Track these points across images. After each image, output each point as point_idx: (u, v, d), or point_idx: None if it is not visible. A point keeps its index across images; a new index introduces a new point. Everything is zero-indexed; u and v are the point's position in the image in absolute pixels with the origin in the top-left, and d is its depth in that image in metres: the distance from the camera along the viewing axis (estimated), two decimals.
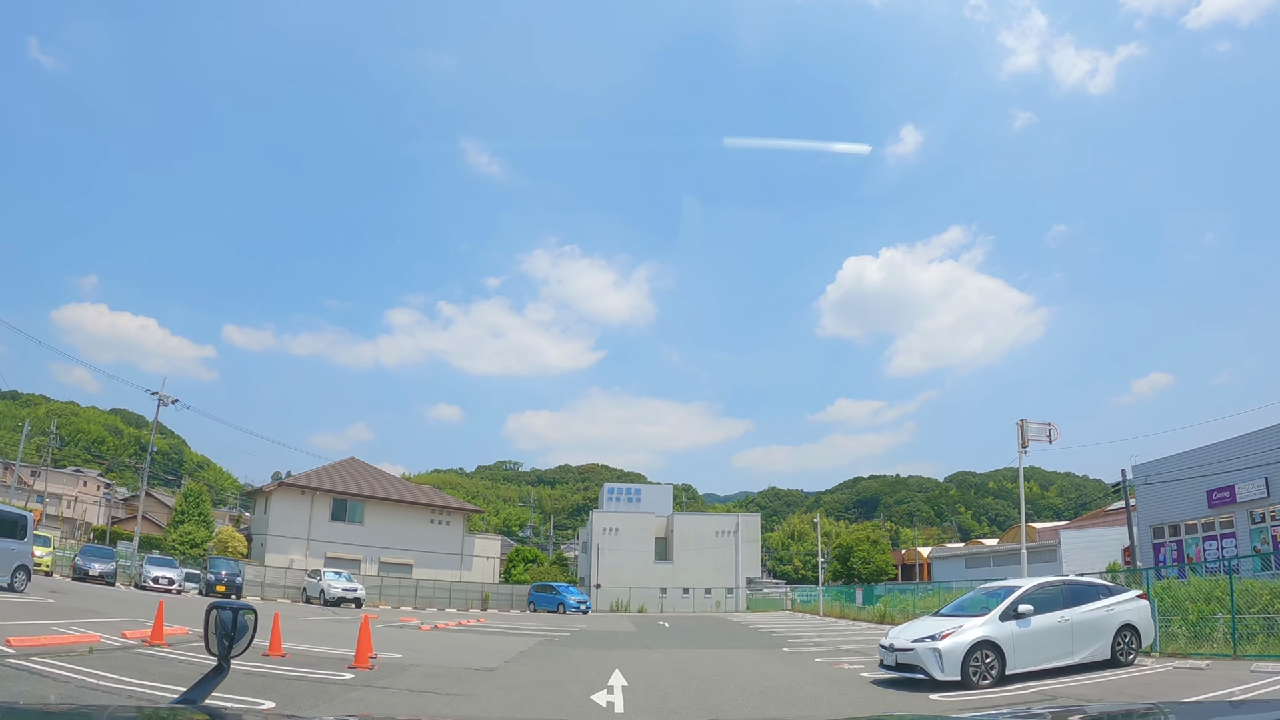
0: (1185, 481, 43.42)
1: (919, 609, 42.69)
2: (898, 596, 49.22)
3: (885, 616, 44.31)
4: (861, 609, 50.65)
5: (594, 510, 78.13)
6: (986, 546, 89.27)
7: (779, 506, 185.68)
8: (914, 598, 46.98)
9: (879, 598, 50.67)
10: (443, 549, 68.63)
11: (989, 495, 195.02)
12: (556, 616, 53.66)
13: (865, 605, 50.78)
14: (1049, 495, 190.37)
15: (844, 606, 55.23)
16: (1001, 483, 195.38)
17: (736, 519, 79.11)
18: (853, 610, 52.55)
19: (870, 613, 48.06)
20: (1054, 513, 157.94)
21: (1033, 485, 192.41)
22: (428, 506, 69.37)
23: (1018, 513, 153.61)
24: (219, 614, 3.37)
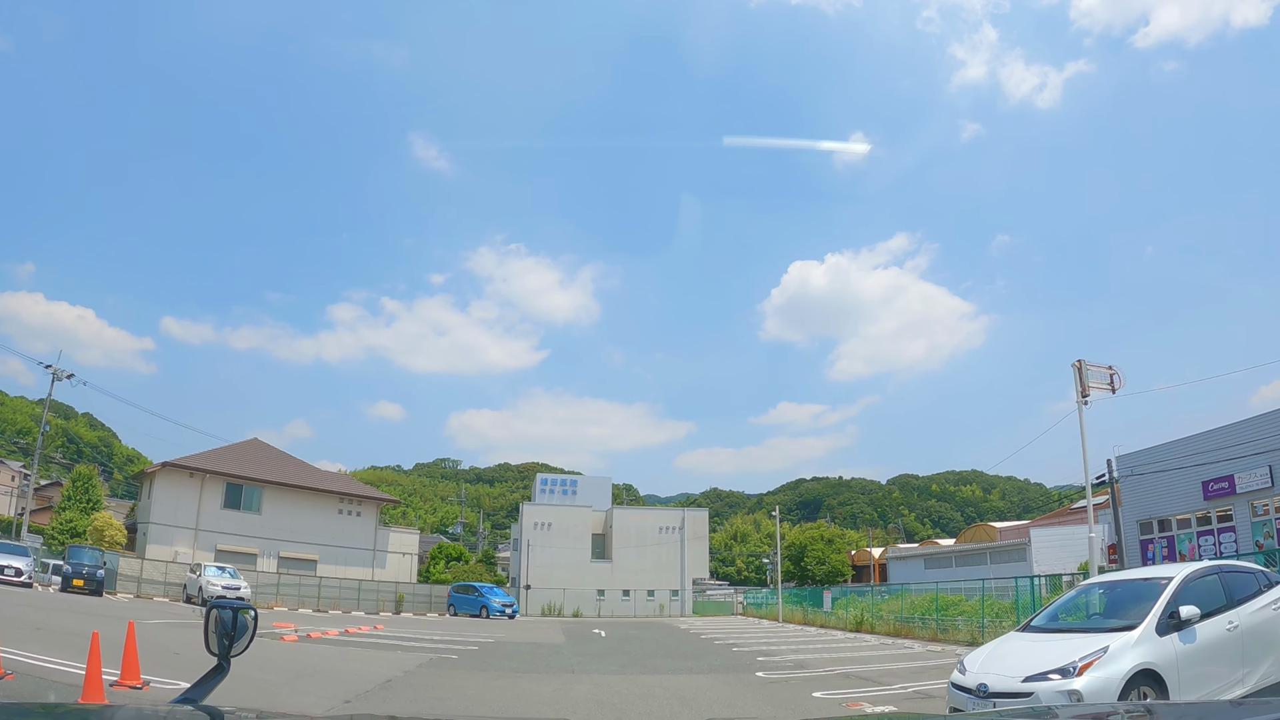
0: (1178, 472, 40.19)
1: (906, 613, 36.36)
2: (866, 600, 42.64)
3: (863, 623, 37.23)
4: (830, 614, 43.40)
5: (525, 503, 69.66)
6: (944, 547, 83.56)
7: (721, 508, 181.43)
8: (882, 600, 41.24)
9: (843, 601, 43.49)
10: (352, 543, 60.32)
11: (932, 498, 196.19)
12: (476, 622, 46.14)
13: (835, 609, 43.48)
14: (992, 498, 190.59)
15: (807, 611, 48.04)
16: (944, 485, 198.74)
17: (682, 514, 71.86)
18: (818, 615, 45.47)
19: (842, 619, 40.92)
20: (997, 515, 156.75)
21: (975, 489, 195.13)
22: (336, 495, 60.89)
23: (961, 515, 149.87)
24: (219, 613, 3.31)
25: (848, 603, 41.99)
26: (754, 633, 39.07)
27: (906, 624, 34.53)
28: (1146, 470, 43.34)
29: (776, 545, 61.09)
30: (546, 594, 62.50)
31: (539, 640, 31.85)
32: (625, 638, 34.58)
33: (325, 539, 59.02)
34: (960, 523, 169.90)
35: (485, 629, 39.10)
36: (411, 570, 64.23)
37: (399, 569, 62.48)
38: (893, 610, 38.50)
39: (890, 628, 35.38)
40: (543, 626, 44.45)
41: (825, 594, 45.28)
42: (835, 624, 41.90)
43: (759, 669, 20.29)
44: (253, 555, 56.23)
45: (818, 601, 50.20)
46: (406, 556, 63.65)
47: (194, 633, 22.39)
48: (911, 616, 35.65)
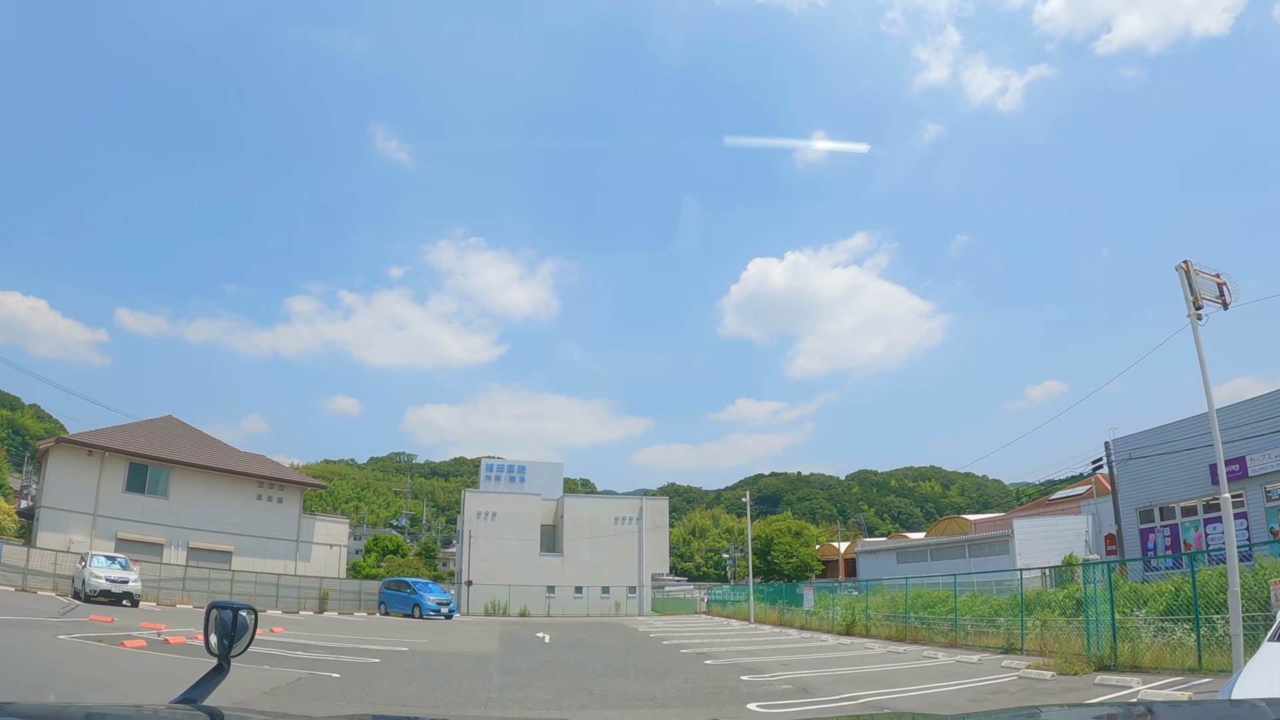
0: (1181, 455, 37.46)
1: (896, 610, 30.46)
2: (839, 596, 37.56)
3: (854, 625, 31.37)
4: (812, 613, 37.49)
5: (468, 490, 62.80)
6: (916, 540, 78.73)
7: (679, 503, 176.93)
8: (855, 596, 36.76)
9: (824, 599, 37.64)
10: (273, 533, 53.50)
11: (891, 494, 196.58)
12: (405, 624, 40.26)
13: (817, 609, 37.58)
14: (950, 494, 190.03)
15: (783, 610, 42.14)
16: (903, 481, 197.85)
17: (640, 503, 65.22)
18: (797, 615, 39.65)
19: (826, 619, 35.03)
20: (956, 510, 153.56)
21: (934, 484, 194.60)
22: (254, 478, 53.88)
23: (920, 511, 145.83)
24: (219, 613, 3.21)
25: (832, 601, 36.17)
26: (725, 636, 33.20)
27: (911, 626, 28.60)
28: (1146, 454, 40.45)
29: (747, 537, 54.75)
30: (490, 591, 56.17)
31: (466, 648, 25.77)
32: (572, 644, 28.63)
33: (242, 528, 52.24)
34: (920, 518, 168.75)
35: (410, 632, 33.25)
36: (340, 564, 57.60)
37: (326, 562, 55.84)
38: (876, 607, 33.05)
39: (891, 630, 29.67)
40: (480, 628, 38.24)
41: (805, 590, 39.41)
42: (818, 625, 36.32)
43: (750, 697, 14.50)
44: (158, 545, 49.30)
45: (792, 598, 44.68)
46: (335, 548, 57.01)
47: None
48: (905, 615, 29.82)
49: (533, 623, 46.29)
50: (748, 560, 52.43)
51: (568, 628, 40.46)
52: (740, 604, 51.61)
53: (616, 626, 41.98)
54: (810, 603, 38.02)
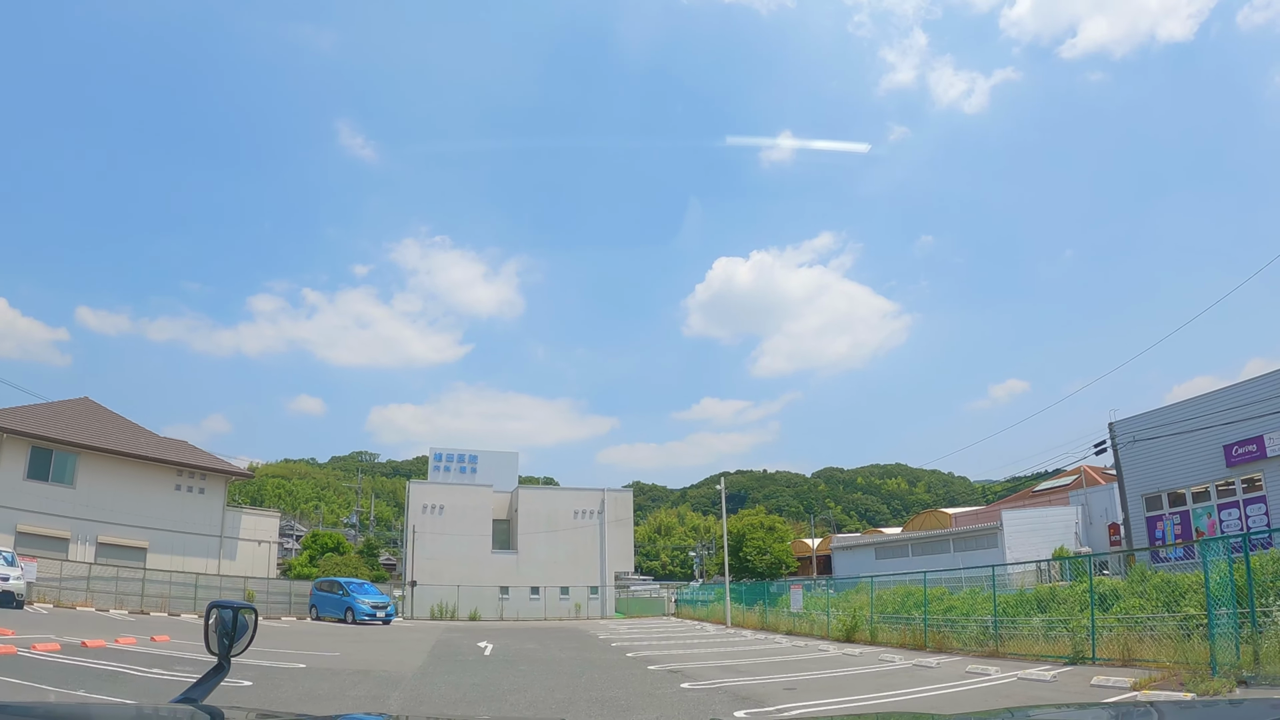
0: (1192, 436, 35.26)
1: (902, 610, 25.72)
2: (818, 594, 33.34)
3: (857, 629, 26.28)
4: (802, 616, 32.30)
5: (412, 481, 56.84)
6: (896, 535, 74.94)
7: (644, 501, 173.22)
8: (834, 595, 32.38)
9: (814, 599, 32.50)
10: (194, 527, 47.61)
11: (858, 491, 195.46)
12: (332, 630, 35.12)
13: (808, 610, 32.34)
14: (917, 491, 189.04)
15: (765, 613, 36.94)
16: (870, 479, 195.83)
17: (602, 494, 59.47)
18: (780, 618, 34.43)
19: (818, 624, 29.82)
20: (924, 508, 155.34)
21: (900, 481, 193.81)
22: (173, 466, 47.82)
23: (888, 508, 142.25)
24: (220, 613, 3.23)
25: (827, 601, 30.99)
26: (702, 646, 27.98)
27: (934, 630, 23.34)
28: (1153, 434, 37.68)
29: (723, 531, 48.89)
30: (437, 592, 50.59)
31: (381, 664, 20.46)
32: (517, 657, 23.31)
33: (159, 521, 46.28)
34: (887, 515, 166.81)
35: (329, 641, 28.01)
36: (269, 563, 51.73)
37: (254, 561, 49.97)
38: (860, 606, 28.08)
39: (904, 636, 24.47)
40: (415, 636, 32.75)
41: (793, 590, 33.91)
42: (808, 629, 31.28)
43: None
44: (64, 540, 43.44)
45: (770, 598, 39.67)
46: (264, 545, 51.07)
47: None
48: (923, 618, 24.57)
49: (481, 628, 40.86)
50: (724, 556, 46.92)
51: (518, 635, 35.04)
52: (714, 605, 46.44)
53: (575, 632, 36.60)
54: (799, 604, 32.70)
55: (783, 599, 38.79)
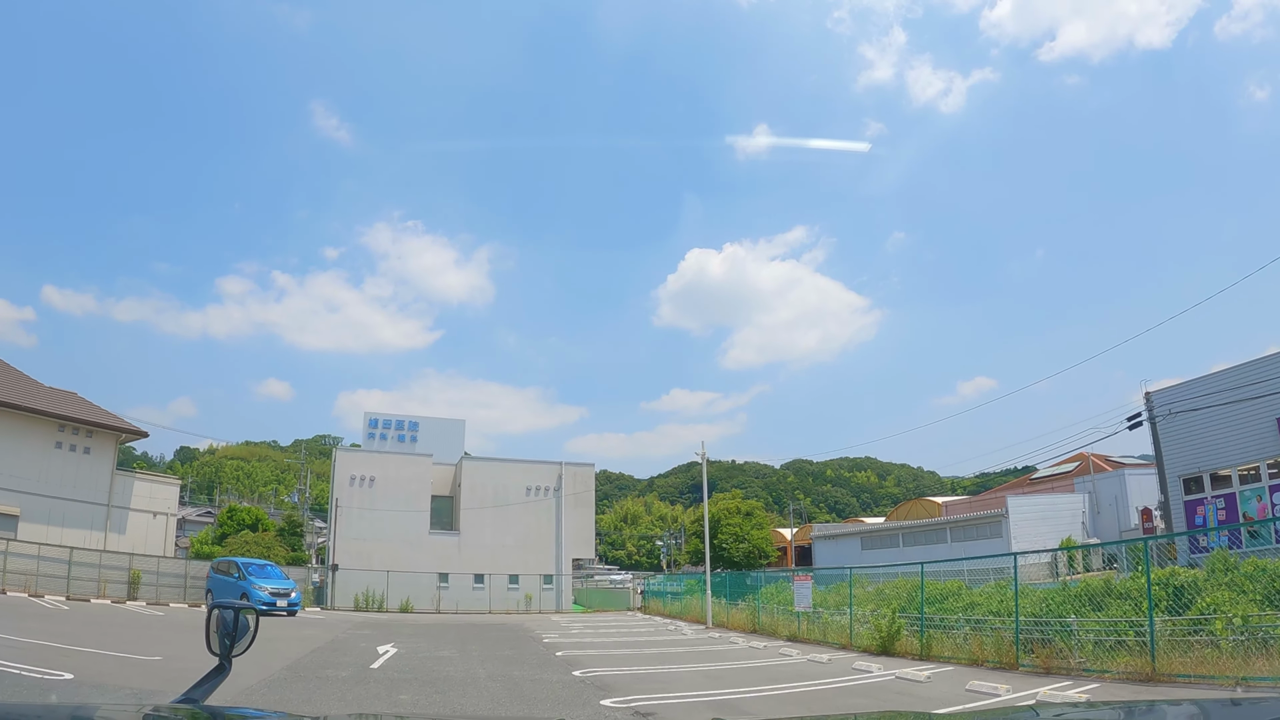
0: (1239, 407, 31.19)
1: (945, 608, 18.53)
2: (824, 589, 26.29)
3: (896, 639, 18.83)
4: (811, 617, 24.54)
5: (339, 449, 48.08)
6: (882, 524, 69.42)
7: (610, 490, 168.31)
8: (827, 589, 26.51)
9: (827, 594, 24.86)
10: (76, 493, 39.42)
11: (827, 483, 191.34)
12: (199, 622, 25.76)
13: (820, 612, 24.65)
14: (887, 485, 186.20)
15: (757, 612, 29.17)
16: (839, 471, 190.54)
17: (559, 468, 51.32)
18: (780, 619, 26.87)
19: (838, 629, 22.23)
20: (893, 501, 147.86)
21: (870, 475, 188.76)
22: (52, 419, 39.37)
23: (857, 501, 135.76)
24: (221, 614, 3.21)
25: (849, 598, 23.28)
26: (681, 659, 20.45)
27: (1037, 641, 15.95)
28: (1197, 406, 33.10)
29: (704, 509, 40.15)
30: (363, 578, 42.63)
31: (192, 680, 12.14)
32: (412, 677, 16.00)
33: (33, 484, 38.05)
34: (856, 507, 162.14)
35: (175, 635, 21.44)
36: (167, 538, 43.34)
37: (149, 535, 41.78)
38: (888, 604, 20.99)
39: (980, 650, 16.79)
40: (306, 633, 24.99)
41: (798, 583, 25.55)
42: (819, 635, 23.75)
43: None
44: None
45: (744, 590, 32.26)
46: (160, 518, 42.75)
47: None
48: (950, 619, 17.02)
49: (404, 623, 33.11)
50: (704, 541, 38.92)
51: (443, 634, 27.28)
52: (689, 599, 38.78)
53: (516, 632, 28.81)
54: (807, 600, 24.69)
55: (767, 593, 31.47)
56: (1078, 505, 52.00)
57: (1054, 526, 47.89)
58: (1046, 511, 50.44)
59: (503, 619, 38.29)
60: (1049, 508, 51.23)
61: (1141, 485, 50.31)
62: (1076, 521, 50.46)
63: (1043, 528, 47.29)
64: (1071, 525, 49.60)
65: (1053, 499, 53.37)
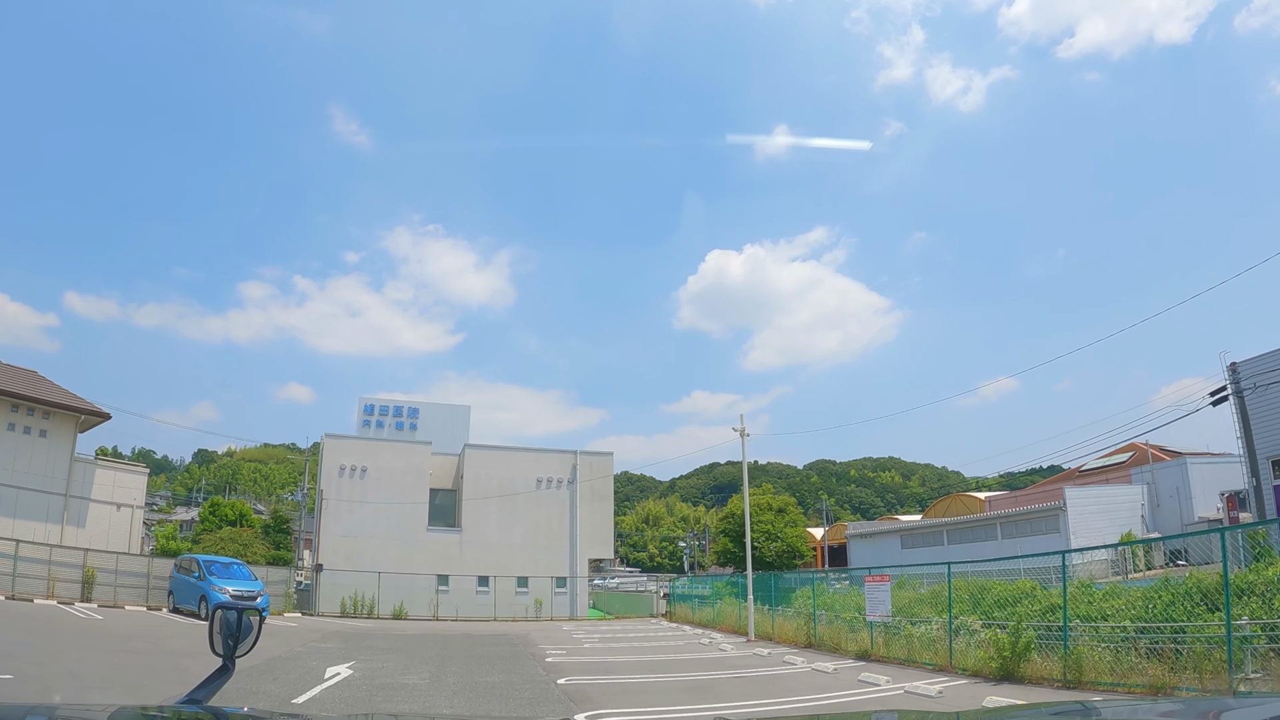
0: None
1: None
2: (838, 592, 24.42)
3: (1018, 660, 13.13)
4: (894, 630, 19.02)
5: (328, 435, 42.72)
6: (919, 521, 63.74)
7: (631, 491, 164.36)
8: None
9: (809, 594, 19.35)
10: (29, 481, 34.33)
11: (851, 483, 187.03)
12: (150, 625, 23.16)
13: (900, 621, 19.10)
14: (911, 484, 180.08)
15: (811, 624, 23.63)
16: (863, 471, 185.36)
17: (574, 457, 45.08)
18: (843, 633, 21.31)
19: (932, 645, 16.67)
20: (917, 501, 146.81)
21: (894, 474, 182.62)
22: (5, 397, 34.06)
23: (882, 501, 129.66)
24: (224, 615, 3.17)
25: (947, 602, 17.71)
26: (739, 695, 15.28)
27: None
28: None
29: (744, 496, 33.38)
30: (352, 580, 37.35)
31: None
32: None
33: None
34: (881, 507, 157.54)
35: (77, 645, 16.45)
36: (132, 533, 38.08)
37: (112, 529, 36.67)
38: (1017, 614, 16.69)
39: (1160, 675, 11.24)
40: (265, 646, 19.21)
41: (873, 583, 19.33)
42: (902, 654, 18.31)
43: None
44: None
45: (778, 594, 26.88)
46: (124, 510, 37.53)
47: None
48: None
49: (387, 634, 27.78)
50: (745, 533, 32.87)
51: (424, 650, 21.87)
52: (723, 605, 33.30)
53: (512, 650, 23.19)
54: (885, 607, 18.73)
55: (803, 596, 26.13)
56: (1136, 497, 47.46)
57: (1112, 520, 43.64)
58: (1107, 504, 45.84)
59: (507, 628, 32.92)
60: (1108, 500, 46.53)
61: (1205, 475, 46.49)
62: (1135, 515, 46.18)
63: (1101, 522, 42.95)
64: (1131, 519, 45.32)
65: (1111, 491, 48.69)
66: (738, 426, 29.31)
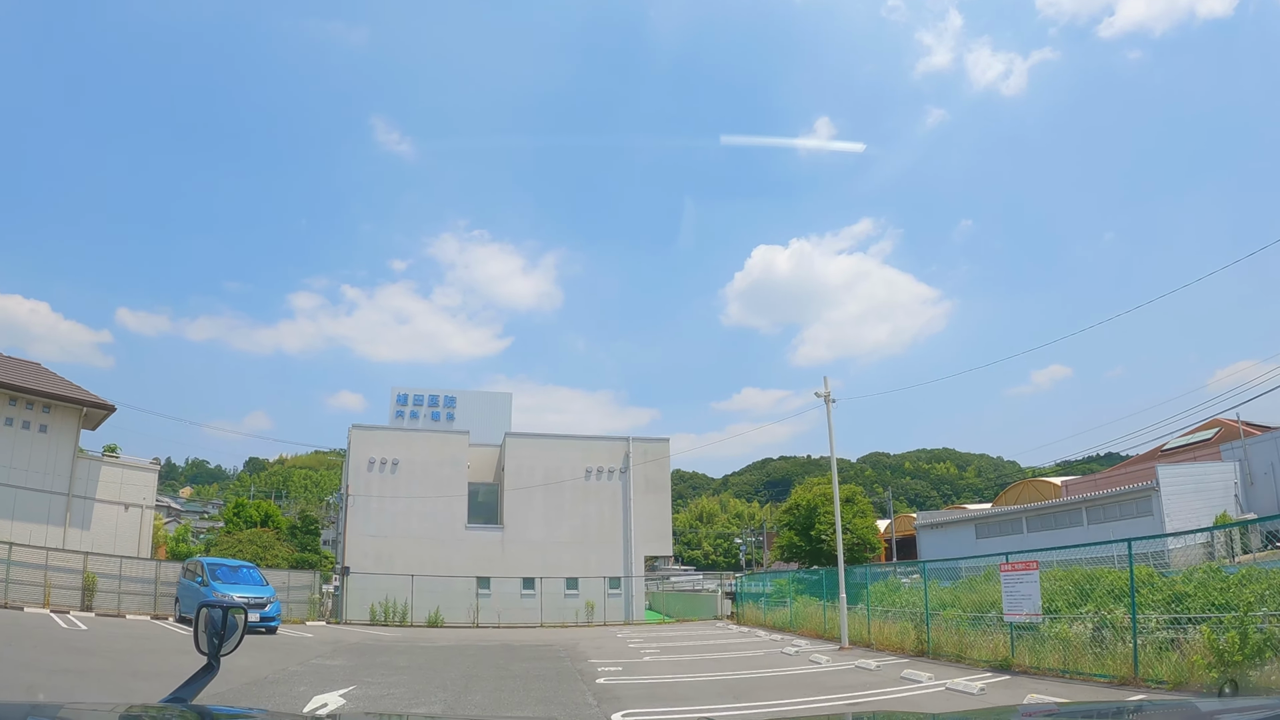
0: None
1: None
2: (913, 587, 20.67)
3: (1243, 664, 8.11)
4: (1043, 632, 14.25)
5: (355, 426, 38.08)
6: (979, 510, 58.90)
7: (684, 489, 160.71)
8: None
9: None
10: (28, 480, 30.78)
11: (905, 476, 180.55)
12: (130, 638, 18.71)
13: (1042, 621, 14.26)
14: (967, 475, 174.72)
15: (920, 629, 19.03)
16: (917, 463, 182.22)
17: (626, 444, 40.15)
18: (969, 637, 16.47)
19: (1116, 654, 11.66)
20: (974, 492, 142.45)
21: (949, 466, 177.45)
22: (2, 390, 30.42)
23: (937, 493, 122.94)
24: (209, 613, 3.10)
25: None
26: None
27: None
28: None
29: (832, 462, 27.46)
30: (383, 584, 33.26)
31: None
32: None
33: None
34: (938, 500, 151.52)
35: (58, 667, 11.56)
36: (141, 535, 34.26)
37: (120, 531, 32.94)
38: None
39: None
40: (244, 660, 15.02)
41: (1013, 571, 13.65)
42: (1053, 663, 13.53)
43: None
44: None
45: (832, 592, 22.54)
46: (132, 510, 33.70)
47: None
48: None
49: (412, 645, 23.53)
50: (835, 516, 27.97)
51: (447, 668, 17.46)
52: (802, 607, 28.60)
53: (555, 665, 18.68)
54: (1033, 603, 13.05)
55: (877, 592, 21.61)
56: (1229, 475, 42.77)
57: (1206, 501, 39.35)
58: (1199, 483, 41.31)
59: (553, 636, 28.59)
60: (1201, 478, 41.91)
61: None
62: (1229, 494, 41.73)
63: (1196, 502, 38.75)
64: (1224, 499, 40.91)
65: (1204, 469, 43.39)
66: (821, 390, 24.66)
